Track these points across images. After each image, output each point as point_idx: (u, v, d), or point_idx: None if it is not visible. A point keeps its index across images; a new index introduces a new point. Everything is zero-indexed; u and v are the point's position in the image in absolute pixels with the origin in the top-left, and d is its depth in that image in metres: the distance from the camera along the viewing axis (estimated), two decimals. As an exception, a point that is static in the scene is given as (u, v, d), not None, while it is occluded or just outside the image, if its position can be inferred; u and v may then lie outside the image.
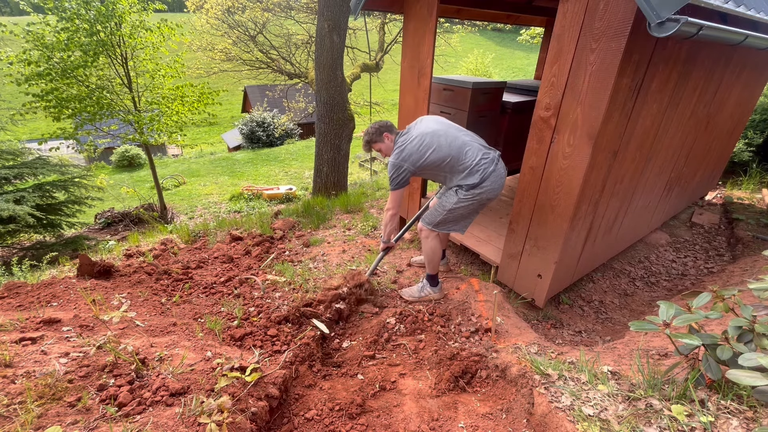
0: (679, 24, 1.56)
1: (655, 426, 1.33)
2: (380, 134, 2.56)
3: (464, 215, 2.54)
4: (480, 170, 2.37)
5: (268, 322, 2.44)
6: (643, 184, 3.16)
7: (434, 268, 2.78)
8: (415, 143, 2.40)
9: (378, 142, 2.58)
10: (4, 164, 6.67)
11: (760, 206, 4.81)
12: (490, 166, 2.39)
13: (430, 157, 2.38)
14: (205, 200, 12.53)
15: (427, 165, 2.40)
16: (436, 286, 2.83)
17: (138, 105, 8.42)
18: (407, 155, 2.40)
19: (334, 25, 5.60)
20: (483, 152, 2.42)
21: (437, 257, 2.75)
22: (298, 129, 23.89)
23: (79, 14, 7.14)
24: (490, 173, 2.38)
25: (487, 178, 2.37)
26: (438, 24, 4.41)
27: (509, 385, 1.94)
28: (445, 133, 2.42)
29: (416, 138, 2.41)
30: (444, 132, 2.42)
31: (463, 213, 2.52)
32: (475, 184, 2.38)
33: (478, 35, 46.85)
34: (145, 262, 3.28)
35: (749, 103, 4.53)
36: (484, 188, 2.39)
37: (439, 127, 2.45)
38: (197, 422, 1.43)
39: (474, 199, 2.43)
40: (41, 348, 1.77)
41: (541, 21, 5.34)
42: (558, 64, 2.20)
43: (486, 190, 2.39)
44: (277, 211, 5.03)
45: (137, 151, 19.17)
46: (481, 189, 2.39)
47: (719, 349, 1.32)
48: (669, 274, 3.78)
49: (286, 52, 12.96)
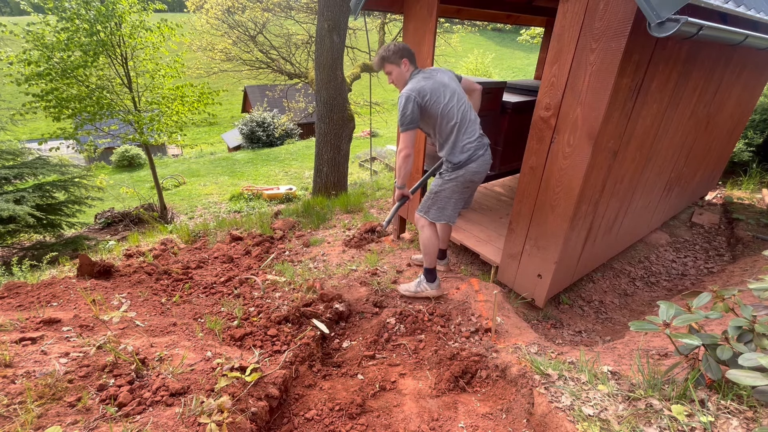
0: (679, 24, 1.56)
1: (655, 426, 1.33)
2: (399, 57, 2.37)
3: (448, 197, 2.54)
4: (471, 150, 2.39)
5: (268, 322, 2.44)
6: (643, 184, 3.16)
7: (431, 261, 2.75)
8: (431, 84, 2.31)
9: (393, 63, 2.39)
10: (4, 164, 6.67)
11: (760, 206, 4.81)
12: (480, 150, 2.42)
13: (440, 106, 2.32)
14: (205, 200, 12.52)
15: (432, 111, 2.33)
16: (434, 282, 2.80)
17: (138, 105, 8.42)
18: (420, 88, 2.29)
19: (334, 25, 5.60)
20: (479, 135, 2.44)
21: (433, 248, 2.71)
22: (298, 129, 23.89)
23: (79, 14, 7.14)
24: (479, 157, 2.42)
25: (474, 160, 2.40)
26: (438, 24, 4.41)
27: (509, 385, 1.94)
28: (460, 100, 2.39)
29: (436, 83, 2.33)
30: (459, 99, 2.38)
31: (448, 195, 2.53)
32: (461, 162, 2.40)
33: (478, 35, 46.86)
34: (145, 262, 3.28)
35: (749, 103, 4.53)
36: (468, 169, 2.41)
37: (458, 92, 2.41)
38: (197, 422, 1.43)
39: (456, 180, 2.45)
40: (41, 348, 1.77)
41: (541, 21, 5.33)
42: (558, 64, 2.20)
43: (470, 171, 2.42)
44: (277, 211, 5.03)
45: (137, 151, 19.16)
46: (465, 170, 2.41)
47: (719, 349, 1.32)
48: (669, 274, 3.78)
49: (286, 52, 12.96)
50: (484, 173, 2.50)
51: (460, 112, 2.36)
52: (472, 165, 2.41)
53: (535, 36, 12.54)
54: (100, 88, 7.79)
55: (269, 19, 12.91)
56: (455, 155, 2.42)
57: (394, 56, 2.36)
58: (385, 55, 2.37)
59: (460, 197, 2.58)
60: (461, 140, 2.39)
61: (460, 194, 2.55)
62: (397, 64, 2.39)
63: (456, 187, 2.49)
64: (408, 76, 2.41)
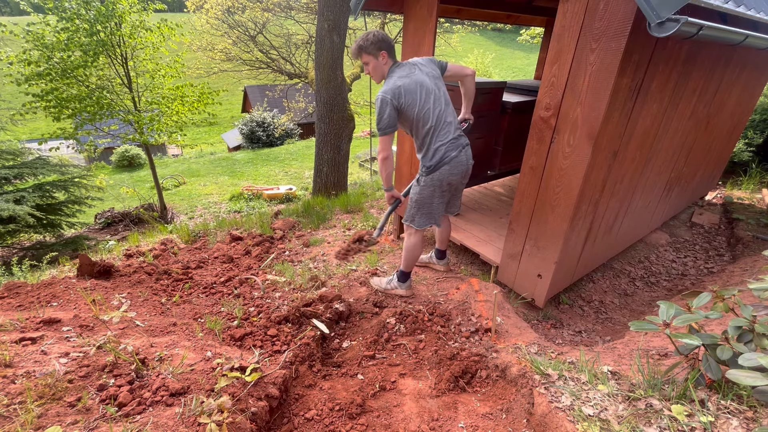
0: (679, 24, 1.56)
1: (655, 426, 1.33)
2: (377, 48, 2.25)
3: (429, 202, 2.50)
4: (442, 152, 2.33)
5: (268, 322, 2.44)
6: (643, 184, 3.16)
7: (408, 266, 2.76)
8: (407, 84, 2.22)
9: (371, 54, 2.27)
10: (4, 164, 6.67)
11: (760, 206, 4.81)
12: (452, 151, 2.34)
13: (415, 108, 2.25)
14: (205, 200, 12.53)
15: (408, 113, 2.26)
16: (405, 283, 2.83)
17: (138, 105, 8.43)
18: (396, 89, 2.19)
19: (334, 25, 5.60)
20: (452, 137, 2.34)
21: (414, 256, 2.72)
22: (298, 129, 23.89)
23: (79, 14, 7.15)
24: (452, 159, 2.35)
25: (447, 162, 2.34)
26: (438, 24, 4.41)
27: (509, 385, 1.94)
28: (437, 100, 2.30)
29: (413, 82, 2.24)
30: (436, 100, 2.30)
31: (428, 200, 2.49)
32: (432, 166, 2.36)
33: (478, 35, 46.85)
34: (145, 262, 3.28)
35: (749, 103, 4.53)
36: (442, 171, 2.37)
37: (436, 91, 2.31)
38: (197, 422, 1.43)
39: (432, 184, 2.42)
40: (41, 348, 1.77)
41: (541, 21, 5.34)
42: (558, 64, 2.20)
43: (444, 173, 2.38)
44: (277, 211, 5.04)
45: (137, 151, 19.17)
46: (439, 172, 2.38)
47: (719, 349, 1.32)
48: (669, 274, 3.78)
49: (286, 52, 12.97)
50: (460, 174, 2.43)
51: (435, 114, 2.29)
52: (445, 167, 2.35)
53: (535, 36, 12.54)
54: (100, 88, 7.79)
55: (269, 19, 12.91)
56: (427, 159, 2.38)
57: (372, 47, 2.24)
58: (363, 45, 2.25)
59: (441, 201, 2.53)
60: (433, 143, 2.34)
61: (439, 198, 2.51)
62: (375, 56, 2.27)
63: (433, 191, 2.45)
64: (386, 70, 2.32)
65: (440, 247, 3.07)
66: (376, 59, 2.28)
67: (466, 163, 2.44)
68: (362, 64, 2.35)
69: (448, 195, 2.56)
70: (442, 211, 2.60)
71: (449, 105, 2.39)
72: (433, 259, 3.19)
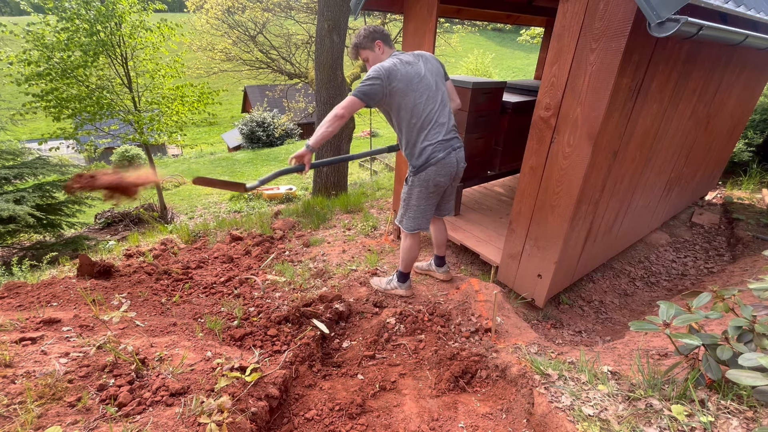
0: (679, 24, 1.56)
1: (655, 426, 1.33)
2: (371, 40, 2.23)
3: (416, 204, 2.46)
4: (428, 152, 2.26)
5: (268, 322, 2.44)
6: (643, 184, 3.16)
7: (406, 267, 2.77)
8: (405, 70, 2.15)
9: (367, 48, 2.25)
10: (4, 164, 6.68)
11: (760, 206, 4.81)
12: (439, 152, 2.26)
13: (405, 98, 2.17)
14: (205, 200, 12.53)
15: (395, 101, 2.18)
16: (405, 283, 2.84)
17: (138, 105, 8.43)
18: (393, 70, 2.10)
19: (334, 25, 5.60)
20: (441, 138, 2.26)
21: (411, 257, 2.71)
22: (298, 129, 23.89)
23: (79, 14, 7.15)
24: (439, 160, 2.27)
25: (434, 163, 2.27)
26: (438, 24, 4.41)
27: (509, 385, 1.94)
28: (431, 97, 2.23)
29: (411, 72, 2.17)
30: (431, 97, 2.23)
31: (416, 202, 2.45)
32: (418, 166, 2.32)
33: (478, 35, 46.81)
34: (145, 262, 3.28)
35: (749, 103, 4.53)
36: (428, 172, 2.31)
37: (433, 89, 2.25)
38: (197, 422, 1.43)
39: (420, 185, 2.37)
40: (41, 348, 1.76)
41: (541, 21, 5.33)
42: (558, 64, 2.20)
43: (431, 174, 2.31)
44: (277, 211, 5.03)
45: (137, 151, 19.15)
46: (426, 173, 2.32)
47: (719, 349, 1.32)
48: (669, 274, 3.77)
49: (286, 52, 12.97)
50: (449, 176, 2.36)
51: (426, 111, 2.22)
52: (431, 168, 2.28)
53: (535, 36, 12.55)
54: (100, 88, 7.80)
55: (269, 19, 12.92)
56: (413, 158, 2.33)
57: (366, 40, 2.24)
58: (358, 42, 2.25)
59: (428, 202, 2.46)
60: (420, 142, 2.27)
61: (426, 200, 2.43)
62: (371, 49, 2.25)
63: (421, 193, 2.39)
64: (385, 59, 2.25)
65: (438, 252, 3.02)
66: (373, 51, 2.27)
67: (456, 165, 2.37)
68: (363, 64, 2.34)
69: (436, 197, 2.49)
70: (431, 213, 2.54)
71: (446, 107, 2.33)
72: (433, 267, 3.17)
